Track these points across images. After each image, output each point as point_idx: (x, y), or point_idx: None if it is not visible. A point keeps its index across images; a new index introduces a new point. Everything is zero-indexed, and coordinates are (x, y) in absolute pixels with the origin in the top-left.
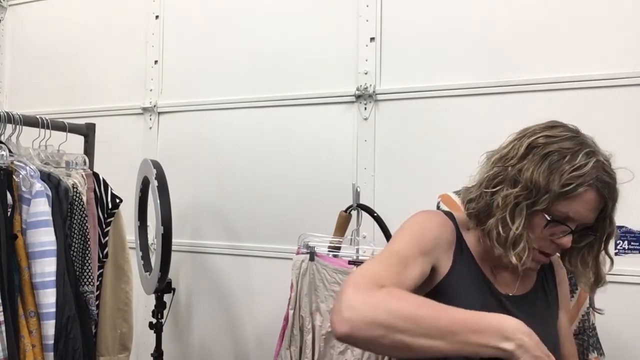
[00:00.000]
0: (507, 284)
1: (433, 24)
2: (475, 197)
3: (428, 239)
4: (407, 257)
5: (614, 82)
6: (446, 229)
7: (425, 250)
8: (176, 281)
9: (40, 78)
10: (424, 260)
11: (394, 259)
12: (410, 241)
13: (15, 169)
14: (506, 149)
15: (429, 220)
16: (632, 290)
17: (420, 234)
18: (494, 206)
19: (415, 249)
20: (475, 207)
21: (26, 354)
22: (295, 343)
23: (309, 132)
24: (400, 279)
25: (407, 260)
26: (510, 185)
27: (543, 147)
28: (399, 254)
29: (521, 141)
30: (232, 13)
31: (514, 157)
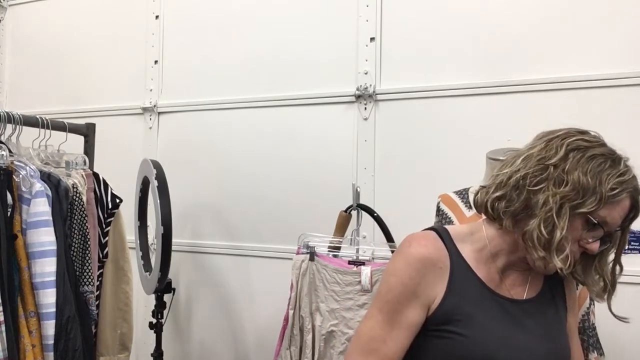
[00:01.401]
0: (516, 288)
1: (433, 24)
2: (505, 195)
3: (409, 289)
4: (392, 312)
5: (614, 82)
6: (429, 259)
7: (410, 299)
8: (176, 281)
9: (40, 78)
10: (415, 310)
11: (379, 316)
12: (392, 299)
13: (15, 169)
14: (539, 149)
15: (408, 264)
16: (632, 290)
17: (401, 284)
18: (537, 205)
19: (398, 302)
20: (510, 205)
21: (26, 354)
22: (295, 343)
23: (309, 132)
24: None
25: (392, 317)
26: (555, 184)
27: (585, 150)
28: (383, 310)
29: (559, 142)
30: (232, 13)
31: (554, 157)
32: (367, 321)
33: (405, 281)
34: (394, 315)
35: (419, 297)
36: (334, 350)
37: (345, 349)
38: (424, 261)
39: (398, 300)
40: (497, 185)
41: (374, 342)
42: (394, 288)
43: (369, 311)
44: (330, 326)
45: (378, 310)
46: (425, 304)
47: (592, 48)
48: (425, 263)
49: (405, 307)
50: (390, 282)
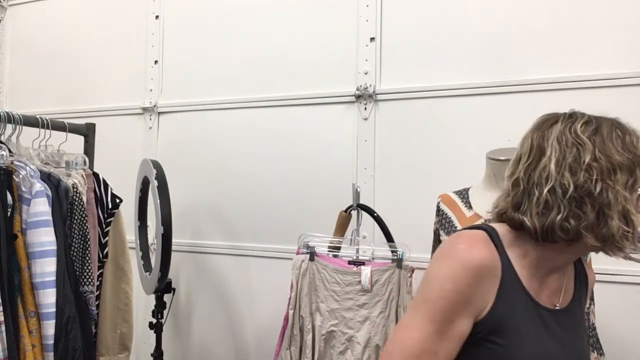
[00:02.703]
0: (552, 296)
1: (433, 24)
2: (569, 213)
3: (465, 298)
4: (444, 322)
5: (614, 82)
6: (487, 266)
7: (463, 309)
8: (176, 281)
9: (40, 78)
10: (465, 320)
11: (429, 327)
12: (446, 308)
13: (15, 169)
14: (558, 153)
15: (465, 270)
16: (632, 290)
17: (457, 292)
18: (607, 206)
19: (454, 312)
20: (582, 219)
21: (26, 354)
22: (295, 343)
23: (309, 132)
24: (440, 355)
25: (444, 328)
26: (609, 177)
27: (595, 131)
28: (435, 319)
29: (572, 137)
30: (232, 13)
31: (586, 153)
32: (415, 333)
33: (461, 289)
34: (446, 326)
35: (472, 306)
36: (333, 350)
37: (345, 348)
38: (482, 268)
39: (452, 309)
40: (544, 206)
41: (425, 357)
42: (449, 296)
43: (412, 320)
44: (330, 326)
45: (429, 320)
46: (475, 313)
47: (592, 48)
48: (482, 270)
49: (458, 317)
50: (444, 289)
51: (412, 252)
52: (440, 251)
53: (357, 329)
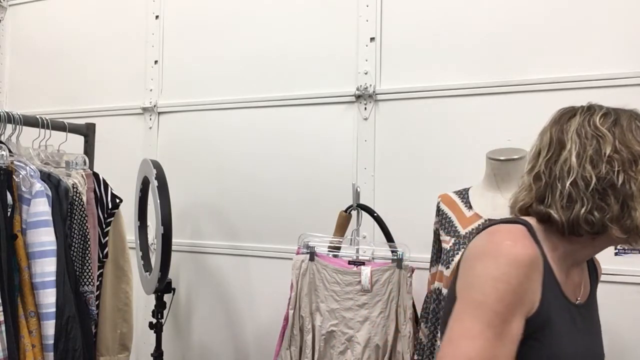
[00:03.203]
0: (574, 290)
1: (433, 24)
2: (593, 205)
3: (519, 297)
4: (502, 324)
5: (614, 82)
6: (534, 261)
7: (518, 308)
8: (176, 281)
9: (40, 78)
10: (519, 319)
11: (488, 332)
12: (503, 310)
13: (15, 169)
14: (579, 146)
15: (516, 267)
16: (632, 290)
17: (512, 292)
18: (632, 197)
19: (510, 313)
20: (607, 211)
21: (26, 354)
22: (295, 343)
23: (309, 132)
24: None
25: (503, 331)
26: (630, 168)
27: (614, 122)
28: (492, 323)
29: (591, 130)
30: (232, 13)
31: (606, 145)
32: (473, 341)
33: (514, 287)
34: (503, 329)
35: (524, 304)
36: (333, 350)
37: (345, 348)
38: (530, 264)
39: (509, 310)
40: (568, 200)
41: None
42: (505, 297)
43: (469, 327)
44: (330, 326)
45: (486, 324)
46: (526, 312)
47: (592, 48)
48: (531, 266)
49: (514, 317)
50: (498, 290)
51: (412, 252)
52: (481, 249)
53: (357, 329)
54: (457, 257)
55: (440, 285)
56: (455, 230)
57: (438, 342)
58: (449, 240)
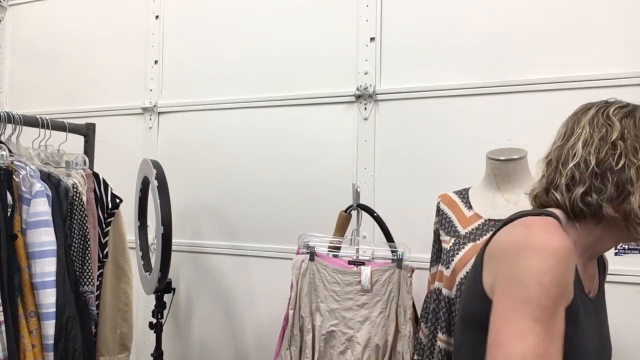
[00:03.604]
0: (589, 284)
1: (433, 24)
2: (591, 187)
3: (563, 290)
4: (551, 319)
5: (614, 82)
6: (571, 253)
7: (562, 301)
8: (176, 281)
9: (40, 78)
10: (562, 313)
11: (539, 329)
12: (550, 305)
13: (15, 169)
14: (587, 133)
15: (558, 260)
16: (632, 290)
17: (557, 285)
18: (629, 181)
19: (556, 306)
20: (602, 193)
21: (26, 354)
22: (295, 343)
23: (309, 132)
24: (555, 356)
25: (552, 326)
26: (633, 155)
27: (630, 114)
28: (541, 319)
29: (603, 119)
30: (232, 13)
31: (613, 132)
32: (524, 340)
33: (559, 280)
34: (552, 324)
35: (566, 296)
36: (333, 350)
37: (345, 348)
38: (568, 256)
39: (556, 304)
40: (571, 182)
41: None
42: (551, 291)
43: (516, 325)
44: (330, 326)
45: (534, 321)
46: (566, 304)
47: (592, 48)
48: (570, 259)
49: (559, 310)
50: (545, 284)
51: (412, 252)
52: (520, 243)
53: (357, 329)
54: (458, 257)
55: (440, 285)
56: (455, 230)
57: (438, 342)
58: (449, 240)
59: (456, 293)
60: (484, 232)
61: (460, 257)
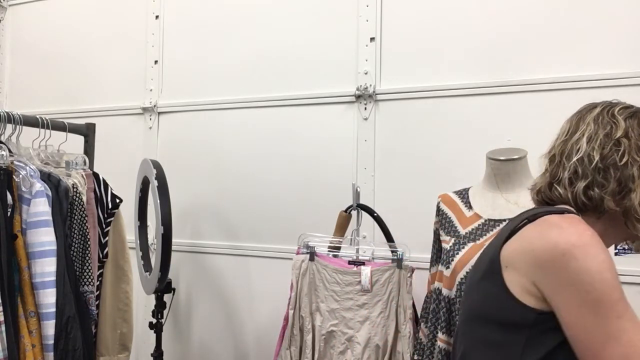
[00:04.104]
0: None
1: (433, 24)
2: (593, 181)
3: (617, 275)
4: (628, 308)
5: (614, 82)
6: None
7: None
8: (176, 281)
9: (40, 78)
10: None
11: (624, 324)
12: (622, 296)
13: (15, 169)
14: (592, 129)
15: (605, 252)
16: (632, 291)
17: (616, 275)
18: (630, 179)
19: (624, 294)
20: (605, 188)
21: (26, 354)
22: (295, 343)
23: (309, 132)
24: None
25: (633, 314)
26: (637, 152)
27: (634, 114)
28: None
29: (608, 117)
30: (232, 13)
31: (617, 129)
32: (618, 338)
33: (615, 271)
34: (630, 311)
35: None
36: (334, 350)
37: (345, 348)
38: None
39: (623, 293)
40: (574, 175)
41: None
42: (615, 282)
43: (601, 331)
44: (330, 326)
45: (617, 318)
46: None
47: (592, 48)
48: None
49: (627, 300)
50: (607, 279)
51: (412, 252)
52: (561, 247)
53: (357, 329)
54: (458, 257)
55: (440, 285)
56: (455, 230)
57: (438, 342)
58: (449, 240)
59: (456, 293)
60: (484, 232)
61: (460, 257)
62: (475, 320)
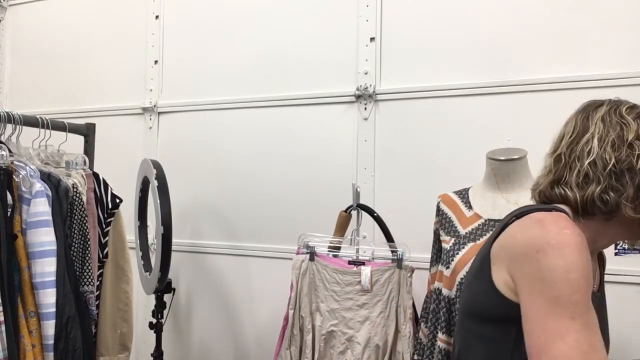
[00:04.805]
0: (593, 279)
1: (433, 23)
2: (608, 186)
3: (589, 282)
4: (585, 313)
5: (614, 82)
6: (587, 247)
7: (589, 293)
8: (176, 281)
9: (40, 78)
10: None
11: (576, 325)
12: (582, 300)
13: (15, 169)
14: (601, 131)
15: (580, 253)
16: (632, 290)
17: (584, 278)
18: None
19: (587, 299)
20: (622, 193)
21: (26, 354)
22: (295, 343)
23: (309, 132)
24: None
25: (588, 319)
26: None
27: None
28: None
29: (617, 117)
30: (232, 13)
31: (629, 132)
32: (565, 337)
33: (585, 274)
34: (587, 317)
35: (591, 290)
36: (333, 350)
37: (345, 348)
38: (587, 249)
39: (586, 297)
40: (584, 179)
41: (594, 356)
42: (580, 285)
43: (553, 326)
44: (330, 326)
45: (569, 318)
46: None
47: (592, 48)
48: (588, 252)
49: (590, 304)
50: (572, 280)
51: (412, 252)
52: (537, 242)
53: (357, 329)
54: (458, 257)
55: (440, 285)
56: (455, 230)
57: (438, 342)
58: (449, 240)
59: (456, 293)
60: (484, 232)
61: (460, 257)
62: (468, 317)
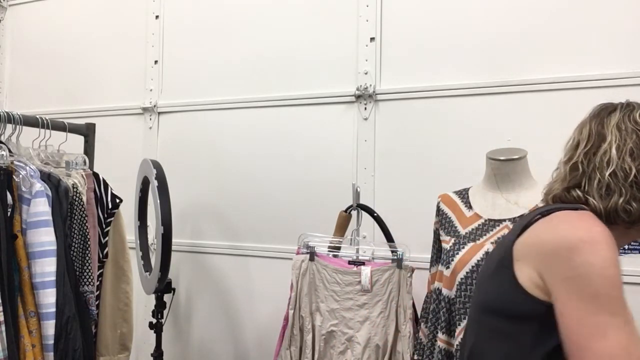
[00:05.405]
0: None
1: (433, 24)
2: (632, 196)
3: (620, 274)
4: (624, 308)
5: (614, 82)
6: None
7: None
8: (176, 281)
9: (40, 78)
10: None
11: (616, 321)
12: (619, 295)
13: (15, 169)
14: (618, 139)
15: (610, 248)
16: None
17: (619, 274)
18: None
19: (623, 294)
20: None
21: (26, 354)
22: (295, 343)
23: (309, 132)
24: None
25: (627, 315)
26: None
27: None
28: (615, 311)
29: (632, 125)
30: (232, 13)
31: None
32: (606, 334)
33: (619, 269)
34: (625, 312)
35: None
36: (334, 350)
37: (345, 348)
38: (616, 246)
39: (622, 293)
40: (605, 190)
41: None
42: (616, 281)
43: (592, 324)
44: (330, 326)
45: (610, 314)
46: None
47: (592, 48)
48: (616, 248)
49: (625, 299)
50: (609, 276)
51: (412, 252)
52: (568, 241)
53: (357, 329)
54: (458, 257)
55: (440, 285)
56: (455, 230)
57: (438, 342)
58: (449, 240)
59: (456, 293)
60: (484, 232)
61: (460, 257)
62: (486, 313)
